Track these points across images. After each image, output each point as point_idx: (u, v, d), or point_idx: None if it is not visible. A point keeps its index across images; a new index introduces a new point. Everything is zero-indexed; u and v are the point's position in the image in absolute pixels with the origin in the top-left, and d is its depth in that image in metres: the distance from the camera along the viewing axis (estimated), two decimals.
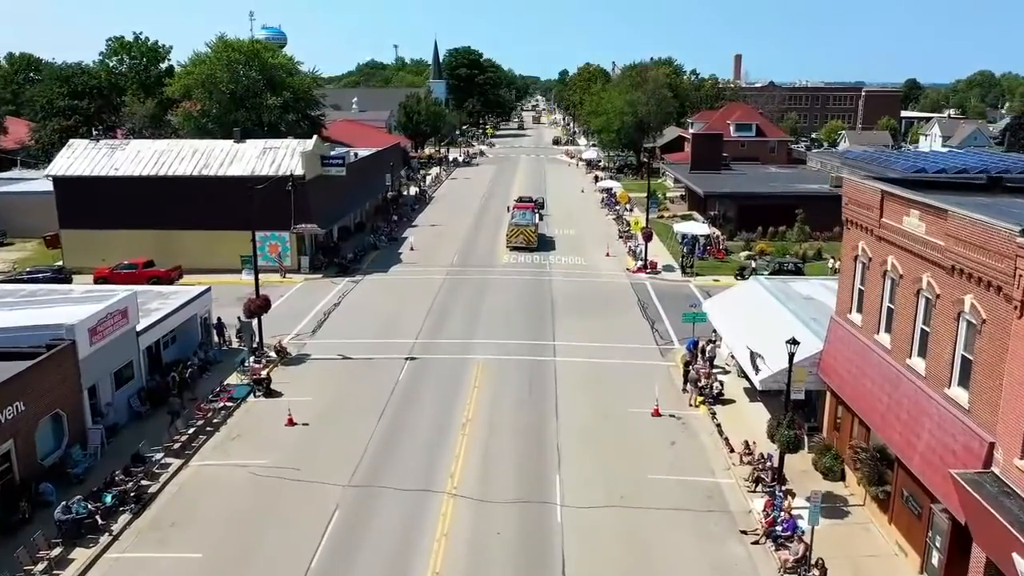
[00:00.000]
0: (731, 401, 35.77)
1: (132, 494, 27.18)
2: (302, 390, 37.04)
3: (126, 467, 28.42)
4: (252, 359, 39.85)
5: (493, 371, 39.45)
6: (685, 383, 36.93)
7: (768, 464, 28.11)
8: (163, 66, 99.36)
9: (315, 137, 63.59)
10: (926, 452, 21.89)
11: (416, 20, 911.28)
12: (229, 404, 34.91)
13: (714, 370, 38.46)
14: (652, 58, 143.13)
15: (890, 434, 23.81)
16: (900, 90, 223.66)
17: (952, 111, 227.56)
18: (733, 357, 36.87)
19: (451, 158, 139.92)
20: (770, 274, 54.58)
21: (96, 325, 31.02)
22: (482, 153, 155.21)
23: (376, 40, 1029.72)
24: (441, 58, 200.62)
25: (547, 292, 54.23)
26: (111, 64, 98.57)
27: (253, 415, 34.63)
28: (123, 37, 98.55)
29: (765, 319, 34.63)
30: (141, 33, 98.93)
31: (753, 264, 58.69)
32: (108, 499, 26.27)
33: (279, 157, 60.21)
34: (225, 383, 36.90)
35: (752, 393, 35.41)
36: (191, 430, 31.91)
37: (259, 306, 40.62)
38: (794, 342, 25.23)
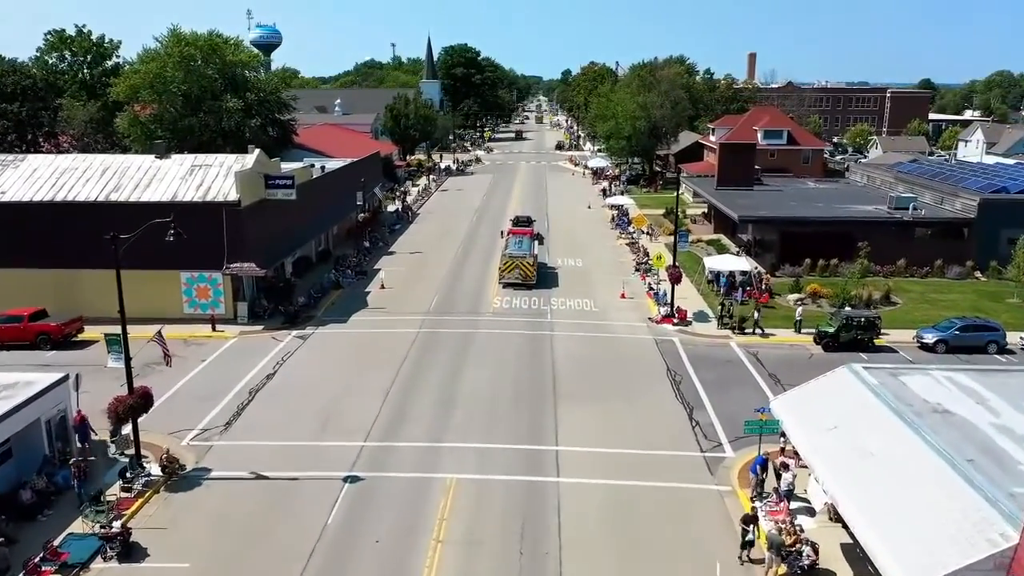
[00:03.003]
0: (831, 574, 23.33)
1: None
2: (179, 545, 24.67)
3: None
4: (120, 483, 27.64)
5: (467, 503, 27.05)
6: (748, 537, 23.98)
7: None
8: (109, 64, 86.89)
9: (257, 152, 51.04)
10: None
11: (415, 18, 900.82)
12: None
13: (792, 505, 26.15)
14: (657, 57, 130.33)
15: None
16: (927, 91, 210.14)
17: (977, 112, 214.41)
18: (831, 501, 24.33)
19: (443, 166, 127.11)
20: (837, 331, 42.38)
21: None
22: (478, 160, 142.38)
23: (375, 39, 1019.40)
24: (436, 56, 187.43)
25: (547, 356, 41.72)
26: (50, 61, 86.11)
27: None
28: (63, 30, 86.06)
29: (885, 457, 22.11)
30: (84, 26, 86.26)
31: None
32: None
33: (210, 177, 47.81)
34: (59, 541, 24.37)
35: (855, 557, 23.14)
36: None
37: (132, 407, 28.22)
38: None
